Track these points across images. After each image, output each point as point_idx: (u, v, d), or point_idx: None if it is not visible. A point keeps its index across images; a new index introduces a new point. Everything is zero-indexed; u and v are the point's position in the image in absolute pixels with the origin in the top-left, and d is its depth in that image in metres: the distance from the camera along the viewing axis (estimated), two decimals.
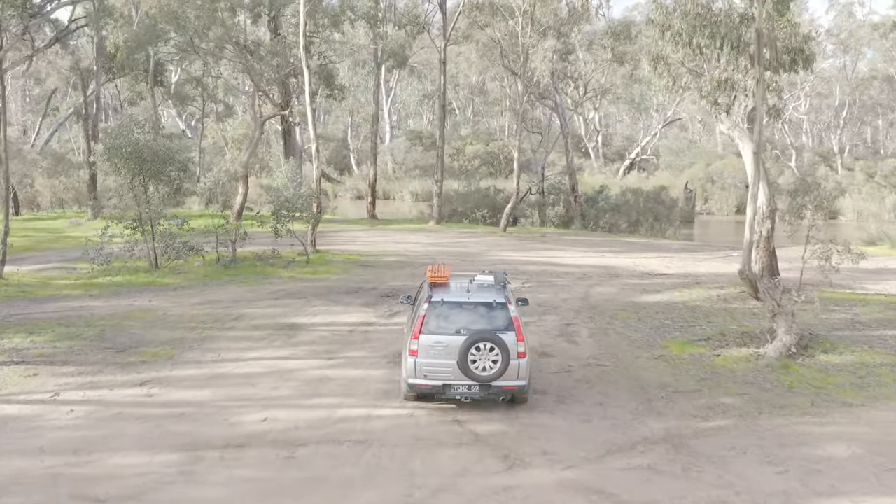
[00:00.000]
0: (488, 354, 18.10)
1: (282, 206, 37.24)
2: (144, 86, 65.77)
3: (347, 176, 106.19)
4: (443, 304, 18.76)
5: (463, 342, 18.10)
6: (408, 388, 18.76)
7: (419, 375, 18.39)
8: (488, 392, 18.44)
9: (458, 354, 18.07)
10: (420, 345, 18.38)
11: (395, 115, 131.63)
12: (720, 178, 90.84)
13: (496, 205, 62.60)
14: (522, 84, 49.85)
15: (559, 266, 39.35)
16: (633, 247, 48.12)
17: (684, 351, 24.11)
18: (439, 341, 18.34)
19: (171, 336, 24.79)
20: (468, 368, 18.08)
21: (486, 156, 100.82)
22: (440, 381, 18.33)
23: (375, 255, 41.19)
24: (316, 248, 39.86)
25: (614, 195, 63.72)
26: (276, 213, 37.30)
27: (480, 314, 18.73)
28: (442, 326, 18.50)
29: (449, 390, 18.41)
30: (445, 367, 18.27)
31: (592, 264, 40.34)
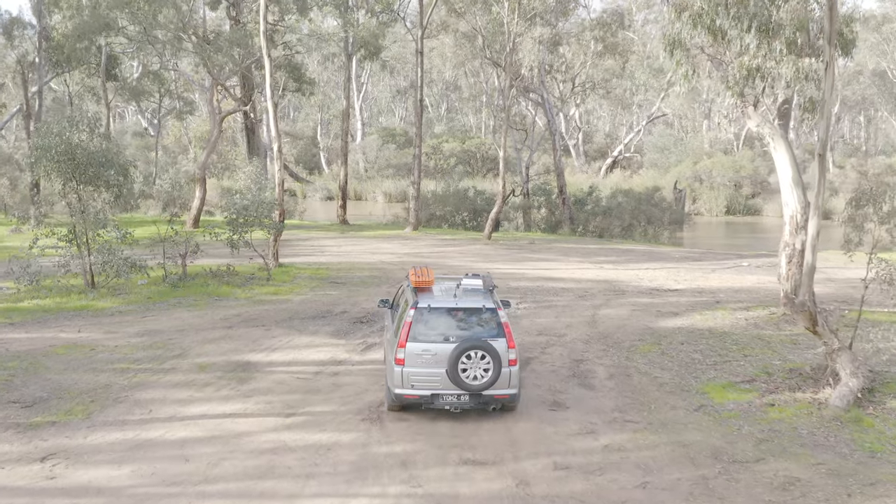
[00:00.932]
0: (479, 363, 17.42)
1: (238, 214, 32.50)
2: (98, 81, 60.69)
3: (317, 176, 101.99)
4: (430, 311, 17.94)
5: (453, 350, 17.40)
6: (393, 399, 17.90)
7: (406, 385, 17.62)
8: (479, 401, 17.73)
9: (448, 363, 17.37)
10: (407, 353, 17.59)
11: (367, 111, 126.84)
12: (709, 177, 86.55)
13: (477, 208, 58.06)
14: (508, 76, 45.18)
15: (555, 281, 34.88)
16: (631, 256, 43.66)
17: (727, 398, 19.60)
18: (427, 349, 17.62)
19: (94, 382, 20.05)
20: (459, 377, 17.37)
21: (463, 154, 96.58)
22: (428, 390, 17.63)
23: (347, 269, 36.55)
24: (279, 262, 35.19)
25: (604, 197, 59.05)
26: (232, 223, 32.56)
27: (469, 320, 18.02)
28: (429, 334, 17.76)
29: (437, 400, 17.69)
30: (434, 377, 17.58)
31: (592, 278, 35.92)
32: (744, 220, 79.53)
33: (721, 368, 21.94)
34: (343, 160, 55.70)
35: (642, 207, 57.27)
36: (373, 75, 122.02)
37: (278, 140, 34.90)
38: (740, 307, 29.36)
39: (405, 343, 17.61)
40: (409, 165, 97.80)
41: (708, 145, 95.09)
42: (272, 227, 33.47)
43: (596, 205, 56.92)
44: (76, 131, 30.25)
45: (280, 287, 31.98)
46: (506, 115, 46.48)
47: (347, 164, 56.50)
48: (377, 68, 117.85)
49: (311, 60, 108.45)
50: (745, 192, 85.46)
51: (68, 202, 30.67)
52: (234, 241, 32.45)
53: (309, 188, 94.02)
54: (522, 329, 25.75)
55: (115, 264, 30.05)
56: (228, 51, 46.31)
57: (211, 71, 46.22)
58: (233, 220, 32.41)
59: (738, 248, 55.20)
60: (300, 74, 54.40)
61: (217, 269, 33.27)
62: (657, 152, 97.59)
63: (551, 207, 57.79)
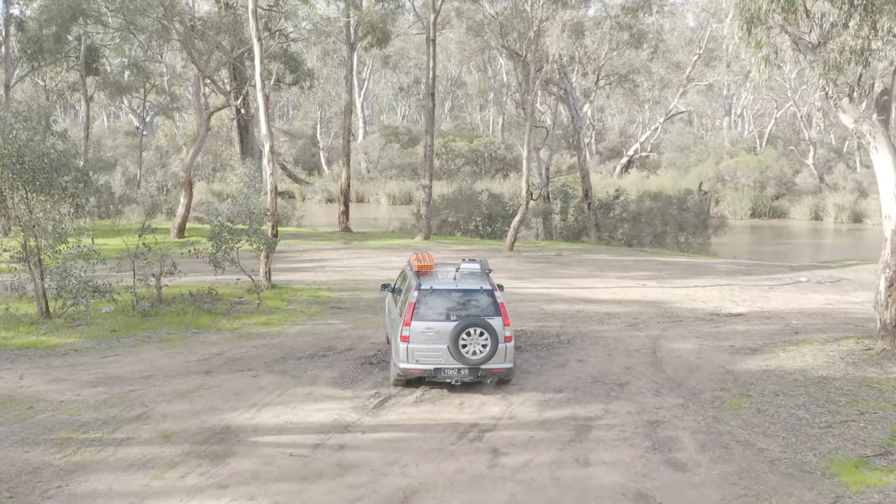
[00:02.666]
0: (478, 339, 18.82)
1: (222, 227, 27.41)
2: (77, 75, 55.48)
3: (317, 176, 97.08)
4: (432, 292, 19.33)
5: (454, 327, 18.80)
6: (399, 374, 19.21)
7: (411, 360, 18.97)
8: (477, 375, 19.11)
9: (450, 339, 18.73)
10: (412, 331, 18.92)
11: (368, 109, 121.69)
12: (732, 177, 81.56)
13: (493, 213, 52.93)
14: (532, 66, 39.99)
15: (596, 303, 29.83)
16: (672, 269, 38.56)
17: (866, 482, 14.70)
18: (430, 327, 18.97)
19: (20, 462, 15.09)
20: (459, 352, 18.76)
21: (471, 154, 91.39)
22: (431, 365, 18.99)
23: (351, 289, 31.44)
24: (271, 282, 30.07)
25: (633, 201, 53.85)
26: (215, 237, 27.47)
27: (468, 300, 19.40)
28: (432, 313, 19.12)
29: (440, 374, 19.07)
30: (437, 352, 18.95)
31: (637, 299, 30.88)
32: (770, 223, 74.48)
33: (839, 434, 16.88)
34: (345, 161, 50.30)
35: (672, 212, 52.06)
36: (374, 72, 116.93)
37: (270, 138, 29.64)
38: (826, 339, 24.29)
39: (410, 321, 18.97)
40: (414, 166, 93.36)
41: (729, 144, 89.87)
42: (263, 242, 28.31)
43: (624, 210, 51.69)
44: (24, 129, 24.97)
45: (272, 315, 26.82)
46: (530, 109, 41.16)
47: (350, 164, 51.11)
48: (379, 64, 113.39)
49: (310, 55, 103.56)
50: (769, 193, 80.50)
51: (15, 214, 25.47)
52: (218, 259, 27.35)
53: (308, 190, 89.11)
54: (572, 374, 20.85)
55: (73, 289, 24.92)
56: (215, 38, 41.11)
57: (196, 62, 41.02)
58: (215, 233, 27.30)
59: (780, 257, 50.30)
60: (297, 65, 49.23)
61: (198, 291, 28.16)
62: (676, 151, 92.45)
63: (574, 213, 52.64)
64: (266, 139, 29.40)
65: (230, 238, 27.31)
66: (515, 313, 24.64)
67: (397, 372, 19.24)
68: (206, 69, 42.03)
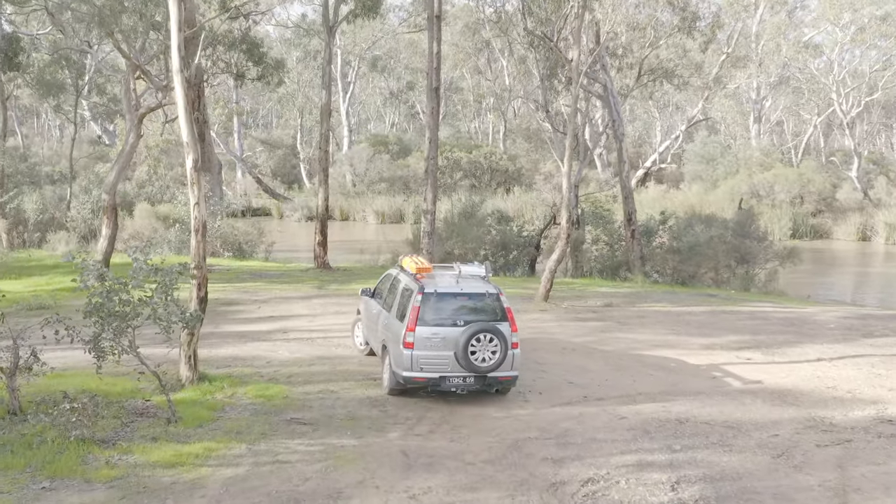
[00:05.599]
0: (488, 345, 18.09)
1: (107, 293, 16.74)
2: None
3: (297, 191, 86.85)
4: (436, 296, 18.52)
5: (463, 333, 18.05)
6: (400, 381, 18.44)
7: (415, 368, 18.20)
8: (483, 383, 18.42)
9: (459, 346, 17.99)
10: (416, 337, 18.16)
11: (354, 117, 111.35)
12: (769, 192, 71.30)
13: (506, 240, 42.37)
14: (578, 50, 29.10)
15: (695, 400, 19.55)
16: (767, 327, 28.15)
17: None
18: (436, 333, 18.25)
19: None
20: (469, 360, 18.01)
21: (470, 166, 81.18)
22: (437, 373, 18.23)
23: (324, 377, 20.69)
24: (198, 372, 19.33)
25: (681, 225, 43.02)
26: (96, 312, 16.77)
27: (474, 305, 18.74)
28: (437, 318, 18.38)
29: (444, 382, 18.31)
30: (443, 359, 18.19)
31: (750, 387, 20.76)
32: (813, 245, 64.09)
33: None
34: (323, 178, 38.97)
35: (728, 238, 41.38)
36: (361, 76, 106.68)
37: (193, 148, 18.71)
38: None
39: (415, 327, 18.11)
40: (405, 179, 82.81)
41: (761, 154, 79.51)
42: (178, 318, 17.45)
43: (676, 238, 40.93)
44: None
45: (189, 443, 16.05)
46: (573, 107, 29.88)
47: (328, 181, 39.78)
48: (366, 68, 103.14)
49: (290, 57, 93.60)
50: (806, 210, 70.44)
51: None
52: (102, 347, 16.77)
53: (287, 206, 78.84)
54: None
55: None
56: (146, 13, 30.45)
57: (117, 44, 30.38)
58: (96, 305, 16.61)
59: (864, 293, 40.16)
60: (261, 55, 38.60)
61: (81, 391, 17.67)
62: (701, 163, 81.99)
63: (611, 241, 41.99)
64: (188, 148, 18.69)
65: (123, 312, 16.69)
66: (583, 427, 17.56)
67: (396, 381, 18.58)
68: (134, 56, 31.38)
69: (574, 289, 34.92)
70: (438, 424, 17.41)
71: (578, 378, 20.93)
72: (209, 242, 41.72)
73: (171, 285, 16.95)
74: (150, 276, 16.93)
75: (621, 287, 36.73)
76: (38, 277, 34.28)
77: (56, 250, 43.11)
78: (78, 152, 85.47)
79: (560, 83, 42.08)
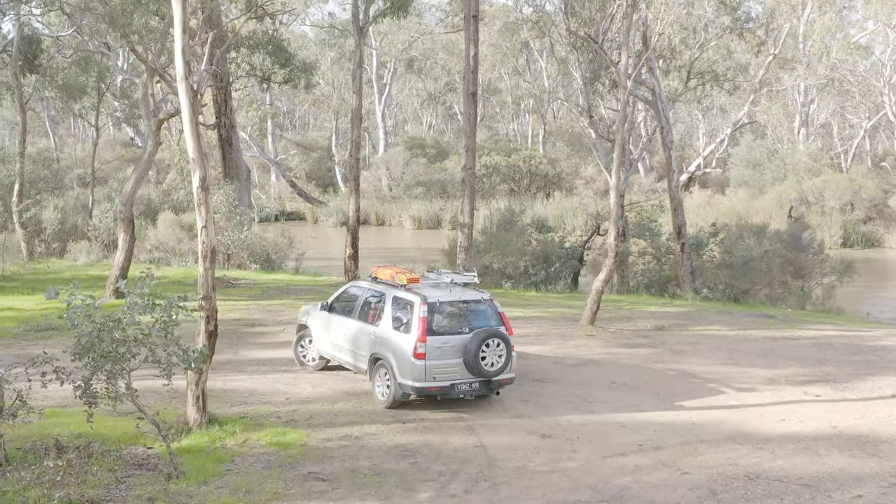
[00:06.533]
0: (496, 350, 18.45)
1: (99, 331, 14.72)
2: None
3: (332, 195, 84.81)
4: (439, 305, 18.71)
5: (472, 340, 18.38)
6: (409, 393, 18.52)
7: (428, 378, 18.29)
8: (488, 387, 18.84)
9: (470, 352, 18.25)
10: (427, 347, 18.24)
11: (391, 119, 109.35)
12: (818, 199, 68.51)
13: (550, 253, 40.19)
14: (626, 53, 26.82)
15: (765, 450, 17.32)
16: (834, 357, 25.69)
17: None
18: (446, 342, 18.45)
19: None
20: (479, 365, 18.31)
21: (508, 170, 79.07)
22: (448, 381, 18.46)
23: (348, 417, 18.68)
24: (207, 414, 17.28)
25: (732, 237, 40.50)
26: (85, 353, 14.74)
27: (473, 312, 19.14)
28: (443, 327, 18.63)
29: (453, 390, 18.57)
30: (453, 367, 18.45)
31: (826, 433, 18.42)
32: (865, 255, 61.20)
33: None
34: (353, 186, 36.87)
35: (781, 251, 38.90)
36: (398, 77, 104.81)
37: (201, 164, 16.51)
38: None
39: (425, 337, 18.19)
40: (443, 183, 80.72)
41: (809, 159, 76.71)
42: (180, 358, 15.37)
43: (728, 252, 38.47)
44: None
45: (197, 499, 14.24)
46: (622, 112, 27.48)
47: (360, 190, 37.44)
48: (403, 68, 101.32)
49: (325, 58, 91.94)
50: (857, 217, 67.64)
51: None
52: (93, 392, 14.79)
53: (321, 211, 77.08)
54: None
55: None
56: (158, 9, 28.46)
57: (133, 46, 28.46)
58: (86, 345, 14.60)
59: None
60: (288, 57, 36.60)
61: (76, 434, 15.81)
62: (747, 167, 79.28)
63: (658, 255, 39.68)
64: (195, 165, 16.59)
65: (116, 354, 14.69)
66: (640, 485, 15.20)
67: (402, 393, 18.54)
68: (152, 59, 29.44)
69: (621, 307, 32.61)
70: (475, 482, 15.29)
71: (631, 419, 18.77)
72: (235, 255, 39.98)
73: (171, 322, 14.91)
74: (148, 311, 14.90)
75: (671, 305, 34.40)
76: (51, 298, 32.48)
77: (77, 260, 41.36)
78: (111, 154, 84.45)
79: (604, 86, 39.96)
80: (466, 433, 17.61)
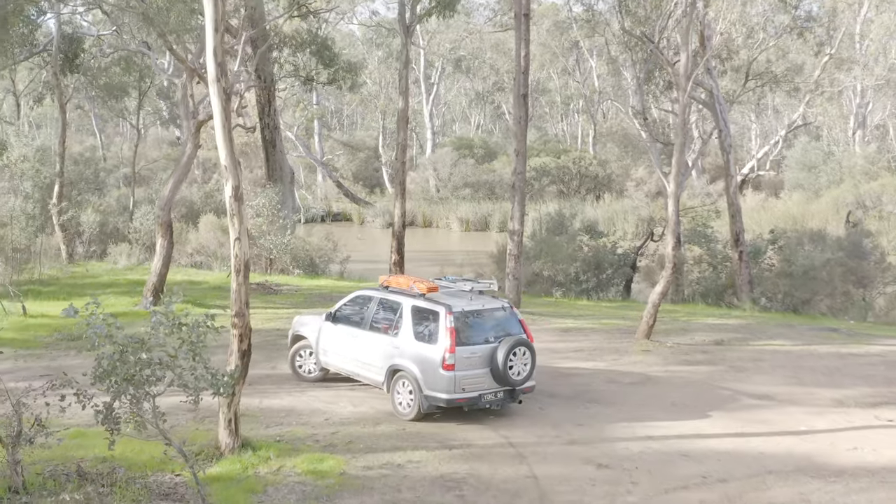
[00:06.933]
0: (522, 358, 18.22)
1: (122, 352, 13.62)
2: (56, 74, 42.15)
3: (379, 195, 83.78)
4: (464, 314, 18.28)
5: (500, 349, 18.06)
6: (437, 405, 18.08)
7: (458, 390, 17.95)
8: (511, 396, 18.53)
9: (499, 361, 17.94)
10: (457, 357, 17.85)
11: (438, 119, 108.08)
12: (876, 203, 66.46)
13: (602, 260, 38.95)
14: (686, 51, 25.40)
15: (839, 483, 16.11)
16: None
17: None
18: (474, 352, 18.10)
19: None
20: (507, 374, 18.06)
21: (557, 172, 77.67)
22: (477, 391, 18.13)
23: (391, 442, 17.51)
24: (239, 438, 16.18)
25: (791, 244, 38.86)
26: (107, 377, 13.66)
27: (497, 320, 18.81)
28: (470, 336, 18.20)
29: (480, 400, 18.22)
30: (480, 377, 18.13)
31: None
32: None
33: None
34: (399, 190, 35.86)
35: (843, 259, 37.29)
36: (446, 76, 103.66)
37: (234, 173, 15.49)
38: None
39: (454, 348, 17.73)
40: (491, 184, 79.46)
41: (865, 162, 74.69)
42: (209, 383, 14.22)
43: (788, 260, 36.91)
44: None
45: None
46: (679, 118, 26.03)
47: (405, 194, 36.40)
48: (451, 67, 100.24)
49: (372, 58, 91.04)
50: None
51: None
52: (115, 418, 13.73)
53: (368, 212, 76.04)
54: None
55: None
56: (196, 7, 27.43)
57: (170, 44, 27.47)
58: (107, 369, 13.52)
59: None
60: (333, 57, 35.55)
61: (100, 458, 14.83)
62: (802, 170, 77.29)
63: (714, 262, 38.23)
64: (227, 173, 15.50)
65: (140, 378, 13.62)
66: None
67: (429, 405, 18.09)
68: (191, 60, 28.45)
69: (677, 319, 31.17)
70: None
71: (693, 447, 17.49)
72: (278, 260, 38.97)
73: (198, 343, 13.82)
74: (174, 331, 13.81)
75: (729, 317, 32.88)
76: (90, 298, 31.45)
77: (118, 263, 40.54)
78: (157, 153, 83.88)
79: (658, 88, 38.53)
80: (517, 462, 16.41)
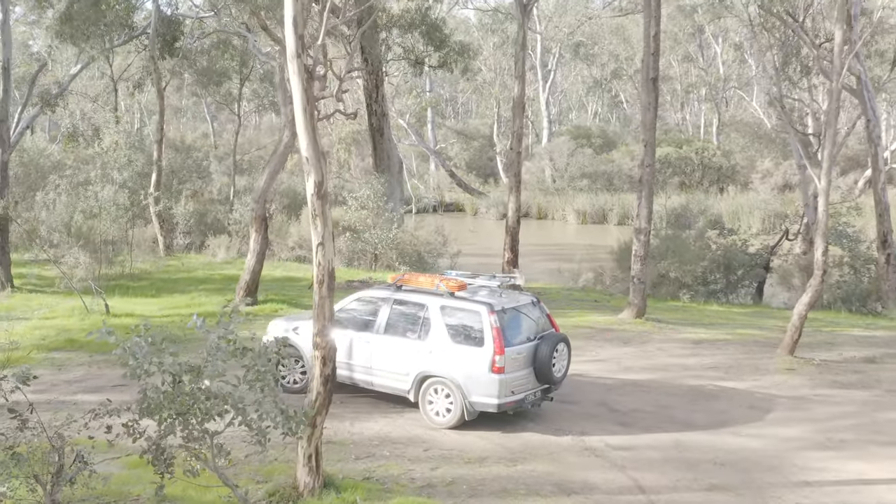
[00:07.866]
0: (562, 355, 17.69)
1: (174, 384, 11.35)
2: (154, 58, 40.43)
3: (493, 185, 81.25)
4: (505, 312, 17.28)
5: (544, 346, 17.32)
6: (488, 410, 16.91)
7: (507, 393, 16.86)
8: (546, 393, 17.85)
9: (543, 360, 17.23)
10: (506, 359, 16.75)
11: (555, 107, 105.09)
12: None
13: (732, 260, 35.95)
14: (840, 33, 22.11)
15: None
16: None
17: None
18: (520, 352, 17.20)
19: None
20: (550, 372, 17.41)
21: (679, 163, 74.39)
22: (523, 393, 17.21)
23: (499, 484, 14.80)
24: (321, 477, 13.72)
25: None
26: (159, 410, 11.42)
27: (531, 317, 17.98)
28: (513, 336, 17.23)
29: (524, 402, 17.29)
30: (525, 378, 17.29)
31: None
32: None
33: None
34: (513, 182, 33.33)
35: None
36: (563, 63, 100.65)
37: (318, 166, 13.03)
38: None
39: (503, 349, 16.71)
40: (609, 175, 76.40)
41: None
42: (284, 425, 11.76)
43: None
44: None
45: None
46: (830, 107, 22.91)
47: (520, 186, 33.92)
48: (569, 54, 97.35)
49: (487, 44, 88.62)
50: None
51: None
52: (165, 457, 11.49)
53: (481, 203, 73.63)
54: None
55: None
56: None
57: (264, 26, 25.31)
58: (156, 407, 11.23)
59: None
60: (442, 39, 33.16)
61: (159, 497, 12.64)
62: None
63: (859, 266, 34.84)
64: (309, 166, 13.12)
65: (192, 410, 11.32)
66: None
67: (474, 411, 16.95)
68: None
69: (820, 329, 27.88)
70: None
71: (858, 498, 14.60)
72: (383, 255, 36.69)
73: (267, 372, 11.43)
74: (236, 357, 11.46)
75: (876, 327, 29.49)
76: (180, 295, 29.58)
77: (216, 256, 38.75)
78: (270, 140, 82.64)
79: (796, 73, 35.35)
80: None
